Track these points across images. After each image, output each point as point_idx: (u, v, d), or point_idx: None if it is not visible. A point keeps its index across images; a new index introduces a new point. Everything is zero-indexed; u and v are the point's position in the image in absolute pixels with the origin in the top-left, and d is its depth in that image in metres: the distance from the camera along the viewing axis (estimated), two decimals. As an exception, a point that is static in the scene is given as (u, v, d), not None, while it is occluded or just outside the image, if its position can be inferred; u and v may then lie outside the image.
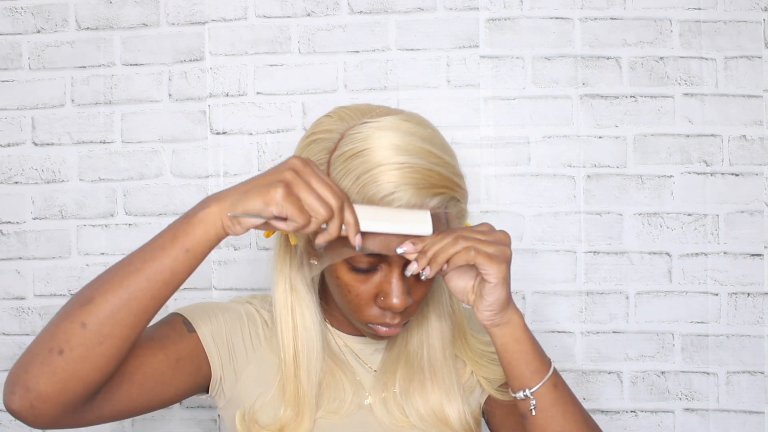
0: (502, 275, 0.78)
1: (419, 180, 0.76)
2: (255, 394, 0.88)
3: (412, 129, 0.79)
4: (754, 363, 1.27)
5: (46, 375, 0.69)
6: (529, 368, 0.84)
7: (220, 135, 1.30)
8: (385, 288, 0.81)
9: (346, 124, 0.81)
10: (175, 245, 0.73)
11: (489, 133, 1.29)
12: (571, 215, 1.28)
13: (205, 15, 1.30)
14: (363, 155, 0.77)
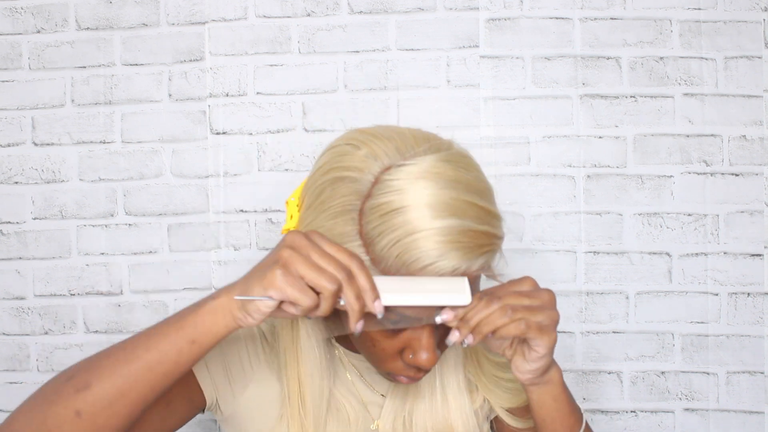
0: (552, 345, 0.72)
1: (466, 244, 0.68)
2: (256, 418, 0.85)
3: (456, 175, 0.70)
4: (754, 363, 1.27)
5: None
6: (563, 426, 0.81)
7: (220, 135, 1.30)
8: (414, 345, 0.73)
9: (380, 163, 0.70)
10: (181, 336, 0.68)
11: (489, 133, 1.29)
12: (571, 215, 1.28)
13: (205, 15, 1.30)
14: (402, 214, 0.67)
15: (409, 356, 0.74)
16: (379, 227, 0.68)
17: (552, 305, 0.73)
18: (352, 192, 0.70)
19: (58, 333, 1.31)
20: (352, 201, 0.70)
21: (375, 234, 0.68)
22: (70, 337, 1.31)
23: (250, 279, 0.67)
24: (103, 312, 1.31)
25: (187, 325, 0.68)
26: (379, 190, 0.69)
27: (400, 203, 0.68)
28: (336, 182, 0.72)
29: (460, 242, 0.68)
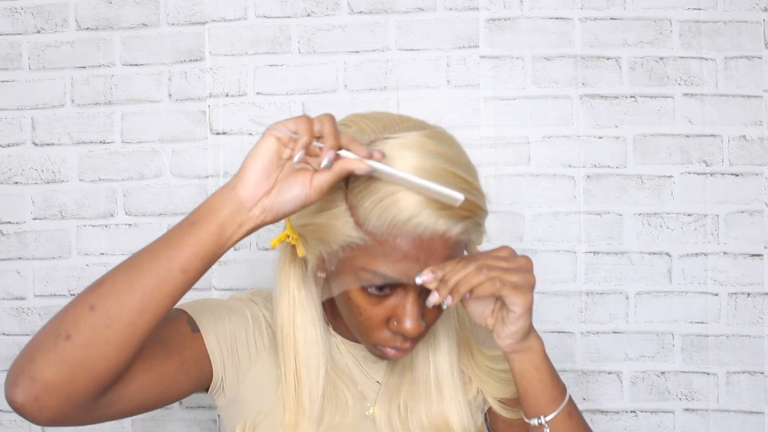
0: (528, 305, 0.75)
1: (444, 205, 0.72)
2: (256, 401, 0.87)
3: (438, 149, 0.75)
4: (754, 363, 1.27)
5: (53, 363, 0.66)
6: (545, 396, 0.81)
7: (220, 135, 1.30)
8: (399, 312, 0.77)
9: (366, 137, 0.76)
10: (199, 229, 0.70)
11: (489, 133, 1.29)
12: (571, 215, 1.28)
13: (205, 15, 1.30)
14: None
15: (394, 324, 0.78)
16: (363, 191, 0.73)
17: (528, 269, 0.76)
18: None
19: (58, 333, 1.31)
20: None
21: (359, 197, 0.73)
22: (70, 337, 1.31)
23: (242, 164, 0.70)
24: (103, 312, 1.31)
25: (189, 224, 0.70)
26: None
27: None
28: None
29: (439, 203, 0.71)
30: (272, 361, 0.88)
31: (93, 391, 0.69)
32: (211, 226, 0.70)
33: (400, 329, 0.77)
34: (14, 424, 1.32)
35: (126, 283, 0.69)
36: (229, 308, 0.88)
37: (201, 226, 0.70)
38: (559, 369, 1.28)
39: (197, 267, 0.70)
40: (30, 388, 0.67)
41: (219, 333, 0.85)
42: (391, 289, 0.77)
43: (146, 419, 1.32)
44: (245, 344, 0.87)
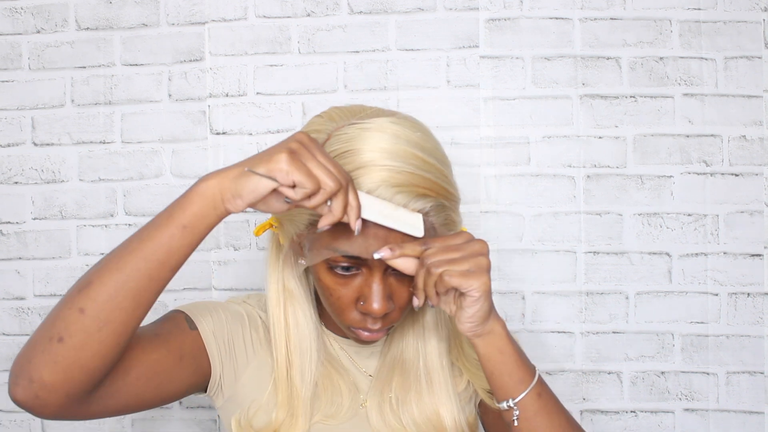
0: (483, 289, 0.76)
1: (403, 181, 0.75)
2: (252, 397, 0.88)
3: (400, 132, 0.77)
4: (754, 363, 1.27)
5: (48, 364, 0.67)
6: (512, 378, 0.82)
7: (220, 135, 1.30)
8: (365, 292, 0.80)
9: (334, 124, 0.80)
10: (172, 222, 0.70)
11: (489, 133, 1.29)
12: (571, 215, 1.28)
13: (205, 15, 1.30)
14: (347, 156, 0.76)
15: (360, 304, 0.80)
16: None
17: (480, 252, 0.77)
18: None
19: (58, 333, 1.31)
20: None
21: None
22: (70, 337, 1.31)
23: (252, 159, 0.70)
24: (103, 312, 1.31)
25: (177, 210, 0.70)
26: (330, 144, 0.77)
27: (347, 148, 0.76)
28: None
29: (397, 179, 0.74)
30: (269, 359, 0.89)
31: (90, 386, 0.70)
32: (200, 200, 0.70)
33: (367, 309, 0.79)
34: (14, 424, 1.32)
35: (114, 281, 0.69)
36: (226, 309, 0.89)
37: (189, 201, 0.70)
38: (559, 369, 1.29)
39: (196, 224, 0.70)
40: (29, 388, 0.68)
41: (216, 331, 0.86)
42: (356, 268, 0.79)
43: (146, 419, 1.32)
44: (242, 343, 0.88)
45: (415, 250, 0.77)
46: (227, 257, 1.30)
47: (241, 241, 1.30)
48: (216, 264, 1.30)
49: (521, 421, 0.82)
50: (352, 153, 0.76)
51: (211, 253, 1.30)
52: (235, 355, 0.87)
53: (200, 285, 1.30)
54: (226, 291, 1.30)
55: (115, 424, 1.31)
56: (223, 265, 1.30)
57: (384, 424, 0.89)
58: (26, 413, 1.31)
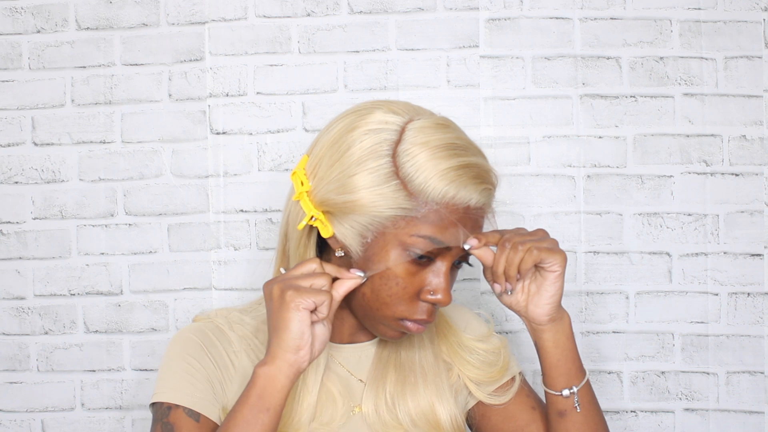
0: (564, 262, 0.85)
1: (476, 174, 0.81)
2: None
3: (459, 127, 0.85)
4: (754, 363, 1.27)
5: None
6: (575, 365, 0.87)
7: (220, 135, 1.30)
8: (434, 282, 0.82)
9: (401, 117, 0.82)
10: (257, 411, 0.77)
11: (489, 133, 1.29)
12: (571, 215, 1.28)
13: (205, 15, 1.30)
14: (429, 154, 0.79)
15: (428, 295, 0.82)
16: (414, 165, 0.79)
17: (548, 236, 0.86)
18: (381, 140, 0.80)
19: (58, 333, 1.31)
20: (383, 147, 0.80)
21: (412, 171, 0.79)
22: (70, 337, 1.31)
23: (277, 327, 0.78)
24: (103, 312, 1.31)
25: (255, 400, 0.77)
26: (408, 136, 0.80)
27: (427, 146, 0.79)
28: (363, 135, 0.81)
29: (473, 173, 0.81)
30: (250, 363, 0.89)
31: None
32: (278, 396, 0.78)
33: (436, 299, 0.82)
34: (14, 424, 1.32)
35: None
36: (186, 352, 0.88)
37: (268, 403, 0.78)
38: (559, 369, 1.29)
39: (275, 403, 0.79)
40: None
41: (204, 396, 0.86)
42: (428, 259, 0.82)
43: (147, 419, 1.32)
44: (215, 370, 0.88)
45: (495, 238, 0.84)
46: (227, 257, 1.30)
47: (241, 241, 1.30)
48: (216, 264, 1.30)
49: (582, 407, 0.87)
50: (430, 153, 0.79)
51: (211, 253, 1.30)
52: (215, 387, 0.88)
53: (200, 285, 1.30)
54: (226, 291, 1.30)
55: (115, 424, 1.31)
56: (223, 265, 1.30)
57: (380, 423, 0.89)
58: (27, 413, 1.31)
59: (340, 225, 0.82)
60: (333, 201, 0.81)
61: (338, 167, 0.81)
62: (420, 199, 0.79)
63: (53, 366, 1.31)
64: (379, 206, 0.79)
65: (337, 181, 0.81)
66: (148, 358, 1.30)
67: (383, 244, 0.80)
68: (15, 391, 1.31)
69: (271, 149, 1.30)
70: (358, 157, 0.80)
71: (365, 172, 0.79)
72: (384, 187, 0.79)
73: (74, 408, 1.31)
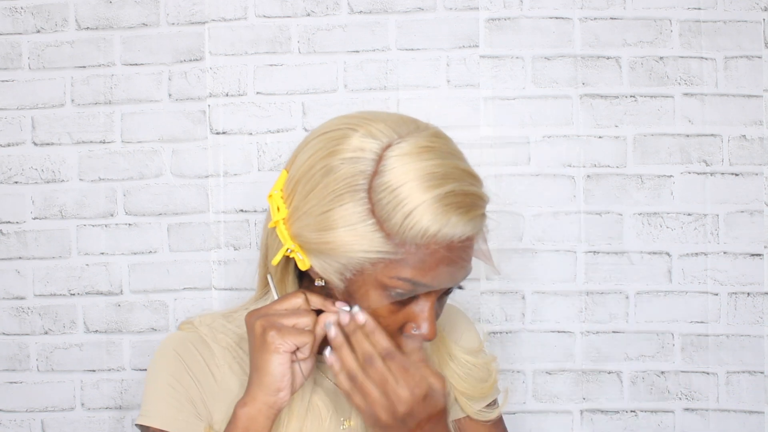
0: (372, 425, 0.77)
1: (461, 203, 0.73)
2: (227, 415, 0.86)
3: (447, 148, 0.76)
4: (754, 363, 1.27)
5: None
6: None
7: (220, 135, 1.30)
8: (418, 318, 0.77)
9: (378, 142, 0.74)
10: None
11: (489, 133, 1.29)
12: (571, 215, 1.28)
13: (205, 15, 1.30)
14: (409, 186, 0.71)
15: (411, 330, 0.78)
16: (391, 203, 0.71)
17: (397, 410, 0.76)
18: (357, 172, 0.73)
19: (58, 333, 1.31)
20: (359, 181, 0.73)
21: (389, 209, 0.71)
22: (70, 336, 1.31)
23: (258, 367, 0.77)
24: (103, 312, 1.31)
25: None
26: (385, 167, 0.72)
27: (406, 176, 0.71)
28: (338, 164, 0.74)
29: (457, 203, 0.72)
30: (234, 382, 0.87)
31: None
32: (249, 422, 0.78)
33: (421, 335, 0.77)
34: (14, 424, 1.32)
35: None
36: (167, 372, 0.86)
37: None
38: (559, 369, 1.29)
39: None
40: None
41: (189, 417, 0.85)
42: (412, 297, 0.76)
43: (146, 419, 1.32)
44: (196, 389, 0.86)
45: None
46: (227, 257, 1.30)
47: (241, 241, 1.30)
48: (216, 264, 1.30)
49: None
50: (409, 185, 0.71)
51: (211, 253, 1.30)
52: (197, 405, 0.86)
53: (200, 285, 1.30)
54: (226, 291, 1.30)
55: (115, 424, 1.31)
56: (223, 265, 1.30)
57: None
58: (27, 413, 1.31)
59: (316, 260, 0.77)
60: (308, 237, 0.75)
61: (313, 199, 0.75)
62: (397, 240, 0.71)
63: (53, 366, 1.31)
64: (355, 248, 0.73)
65: (310, 215, 0.75)
66: (148, 358, 1.30)
67: (362, 283, 0.75)
68: (15, 391, 1.32)
69: (271, 149, 1.30)
70: (333, 190, 0.73)
71: (340, 208, 0.73)
72: (360, 227, 0.72)
73: (74, 408, 1.31)
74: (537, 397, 1.29)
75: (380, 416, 0.76)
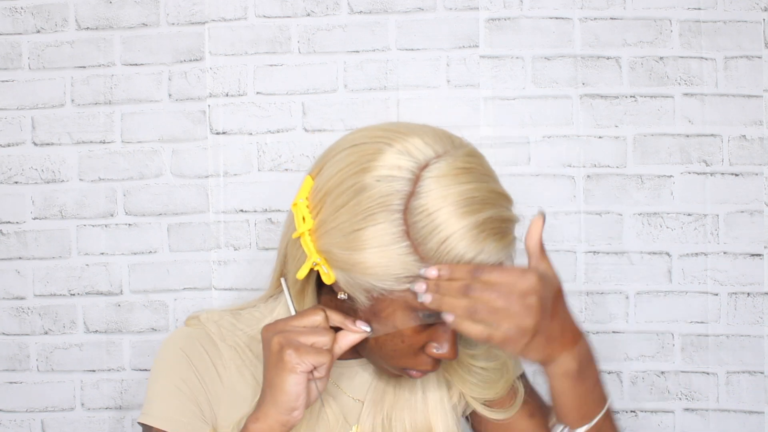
0: (520, 353, 0.72)
1: (497, 230, 0.72)
2: (232, 417, 0.85)
3: (483, 168, 0.76)
4: (754, 363, 1.27)
5: None
6: (585, 404, 0.82)
7: (220, 135, 1.30)
8: (440, 339, 0.76)
9: (415, 160, 0.71)
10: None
11: (489, 133, 1.29)
12: (571, 215, 1.28)
13: (205, 15, 1.30)
14: (447, 211, 0.70)
15: (432, 350, 0.77)
16: (428, 227, 0.70)
17: (525, 309, 0.70)
18: (392, 191, 0.71)
19: (58, 333, 1.31)
20: (394, 201, 0.70)
21: (425, 233, 0.70)
22: (70, 337, 1.31)
23: (273, 386, 0.75)
24: (103, 312, 1.31)
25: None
26: (422, 188, 0.70)
27: (444, 201, 0.70)
28: (372, 182, 0.71)
29: (494, 229, 0.71)
30: (240, 382, 0.86)
31: None
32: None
33: (441, 355, 0.77)
34: (14, 424, 1.32)
35: None
36: (172, 369, 0.85)
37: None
38: (559, 369, 1.29)
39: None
40: None
41: (193, 420, 0.84)
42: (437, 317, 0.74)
43: None
44: (202, 390, 0.85)
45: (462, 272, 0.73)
46: (227, 257, 1.30)
47: (241, 241, 1.30)
48: (216, 264, 1.30)
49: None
50: (448, 209, 0.70)
51: (211, 253, 1.30)
52: (203, 407, 0.85)
53: (200, 285, 1.30)
54: (226, 291, 1.30)
55: (115, 424, 1.31)
56: (223, 265, 1.30)
57: None
58: (27, 413, 1.31)
59: (343, 275, 0.74)
60: (337, 255, 0.73)
61: (343, 215, 0.72)
62: (432, 263, 0.70)
63: (53, 366, 1.31)
64: (387, 269, 0.71)
65: (341, 232, 0.72)
66: (148, 358, 1.30)
67: (390, 303, 0.73)
68: (15, 391, 1.32)
69: (271, 149, 1.30)
70: (366, 208, 0.71)
71: (373, 228, 0.70)
72: (393, 249, 0.70)
73: (74, 408, 1.31)
74: (537, 397, 1.29)
75: (522, 323, 0.70)
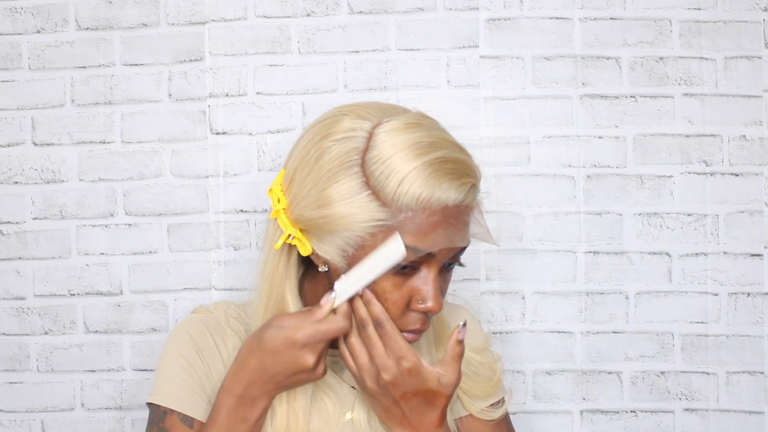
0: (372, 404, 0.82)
1: (452, 170, 0.77)
2: None
3: (435, 124, 0.82)
4: (754, 363, 1.27)
5: None
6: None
7: (220, 135, 1.30)
8: (423, 291, 0.79)
9: (368, 122, 0.79)
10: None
11: (489, 133, 1.29)
12: (571, 215, 1.28)
13: (205, 15, 1.30)
14: (399, 156, 0.76)
15: (417, 304, 0.80)
16: (384, 173, 0.76)
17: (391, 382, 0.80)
18: (350, 149, 0.78)
19: (58, 333, 1.31)
20: (352, 156, 0.77)
21: (382, 179, 0.76)
22: (70, 337, 1.31)
23: (280, 385, 0.81)
24: (103, 312, 1.31)
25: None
26: (376, 142, 0.77)
27: (395, 148, 0.76)
28: (332, 145, 0.79)
29: (447, 169, 0.76)
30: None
31: None
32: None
33: (427, 308, 0.79)
34: (14, 424, 1.32)
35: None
36: (178, 352, 0.90)
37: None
38: (559, 369, 1.29)
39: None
40: None
41: (197, 400, 0.87)
42: (412, 268, 0.79)
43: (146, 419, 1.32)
44: (204, 371, 0.89)
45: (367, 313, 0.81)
46: (227, 257, 1.30)
47: (241, 241, 1.30)
48: (216, 264, 1.30)
49: None
50: (399, 155, 0.76)
51: (211, 253, 1.30)
52: (205, 388, 0.89)
53: (200, 285, 1.30)
54: (226, 291, 1.30)
55: (115, 424, 1.31)
56: (223, 265, 1.30)
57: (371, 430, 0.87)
58: (27, 413, 1.31)
59: (318, 242, 0.80)
60: (308, 217, 0.79)
61: (310, 181, 0.79)
62: (393, 208, 0.76)
63: (53, 366, 1.31)
64: (354, 219, 0.77)
65: (310, 196, 0.79)
66: (148, 358, 1.30)
67: (364, 257, 0.78)
68: (15, 391, 1.32)
69: (271, 149, 1.30)
70: (328, 169, 0.78)
71: (336, 185, 0.77)
72: (356, 199, 0.77)
73: (74, 408, 1.31)
74: (537, 398, 1.29)
75: (366, 381, 0.80)
